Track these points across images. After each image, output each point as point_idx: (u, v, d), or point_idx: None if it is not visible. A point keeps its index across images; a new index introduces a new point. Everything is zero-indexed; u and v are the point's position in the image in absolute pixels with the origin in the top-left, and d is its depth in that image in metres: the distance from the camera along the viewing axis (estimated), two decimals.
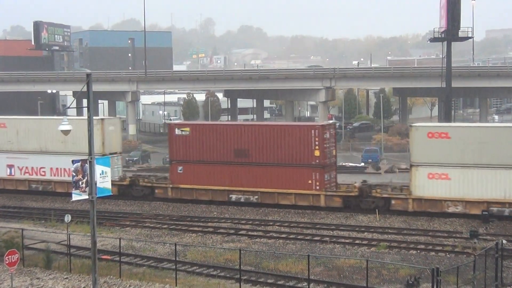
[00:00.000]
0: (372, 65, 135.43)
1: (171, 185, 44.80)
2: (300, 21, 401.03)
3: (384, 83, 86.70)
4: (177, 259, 27.30)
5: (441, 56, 78.36)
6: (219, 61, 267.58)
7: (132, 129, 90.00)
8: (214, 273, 27.81)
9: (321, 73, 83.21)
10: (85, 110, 22.29)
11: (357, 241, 33.50)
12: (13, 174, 49.07)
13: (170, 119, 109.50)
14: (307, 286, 24.49)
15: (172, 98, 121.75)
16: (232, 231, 36.61)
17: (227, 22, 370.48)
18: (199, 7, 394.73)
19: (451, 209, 37.74)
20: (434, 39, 70.36)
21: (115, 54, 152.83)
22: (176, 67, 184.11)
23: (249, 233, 36.14)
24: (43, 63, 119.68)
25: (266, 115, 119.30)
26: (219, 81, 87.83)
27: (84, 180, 22.03)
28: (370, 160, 63.83)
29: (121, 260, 28.48)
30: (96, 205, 22.24)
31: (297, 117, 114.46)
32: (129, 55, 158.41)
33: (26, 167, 48.49)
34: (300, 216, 40.48)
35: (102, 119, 46.54)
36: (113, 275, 27.07)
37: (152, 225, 38.96)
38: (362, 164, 63.71)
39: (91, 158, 21.63)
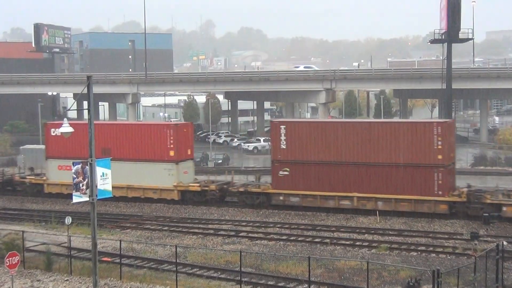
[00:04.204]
0: (373, 67, 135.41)
1: None
2: (300, 22, 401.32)
3: (385, 84, 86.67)
4: (177, 261, 27.28)
5: (441, 57, 78.40)
6: (219, 63, 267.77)
7: None
8: (215, 275, 27.80)
9: (321, 74, 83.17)
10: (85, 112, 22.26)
11: (357, 243, 33.48)
12: None
13: (170, 121, 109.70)
14: None
15: (173, 100, 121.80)
16: (232, 233, 36.63)
17: (227, 24, 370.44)
18: (199, 9, 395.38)
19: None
20: (434, 41, 70.46)
21: (115, 56, 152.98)
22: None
23: (250, 235, 36.16)
24: (44, 65, 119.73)
25: (267, 116, 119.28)
26: (220, 83, 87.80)
27: (85, 182, 22.02)
28: None
29: (122, 262, 28.49)
30: (96, 207, 22.23)
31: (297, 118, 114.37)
32: (130, 57, 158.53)
33: None
34: (301, 218, 40.50)
35: None
36: (113, 277, 27.07)
37: (152, 227, 38.98)
38: None
39: (91, 160, 21.63)
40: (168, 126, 45.89)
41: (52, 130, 48.15)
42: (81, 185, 22.10)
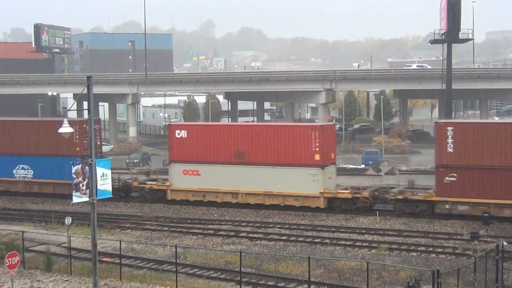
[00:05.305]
0: (373, 67, 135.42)
1: None
2: (300, 23, 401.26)
3: (385, 85, 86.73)
4: (177, 261, 27.28)
5: (441, 58, 78.39)
6: (219, 63, 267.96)
7: (132, 132, 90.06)
8: (215, 275, 27.80)
9: (322, 75, 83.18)
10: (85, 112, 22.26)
11: (357, 243, 33.47)
12: None
13: (171, 121, 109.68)
14: None
15: (173, 100, 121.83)
16: (232, 233, 36.62)
17: (227, 24, 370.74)
18: (199, 9, 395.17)
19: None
20: (434, 41, 70.41)
21: (115, 57, 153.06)
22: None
23: (250, 235, 36.15)
24: (44, 66, 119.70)
25: (267, 117, 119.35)
26: (220, 83, 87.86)
27: (85, 183, 22.02)
28: (370, 162, 63.89)
29: (122, 262, 28.48)
30: (96, 207, 22.23)
31: (298, 119, 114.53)
32: (130, 57, 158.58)
33: None
34: (301, 218, 40.49)
35: None
36: (113, 278, 27.07)
37: (152, 227, 38.97)
38: (363, 166, 63.72)
39: (91, 160, 21.64)
40: (314, 127, 41.99)
41: (177, 132, 44.74)
42: (81, 185, 22.10)
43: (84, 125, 47.88)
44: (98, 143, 49.21)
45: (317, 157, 40.63)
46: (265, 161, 42.16)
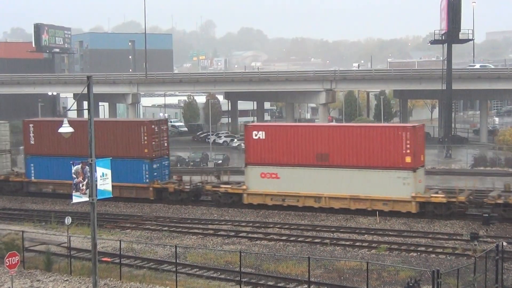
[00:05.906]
0: (373, 67, 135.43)
1: None
2: (300, 23, 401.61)
3: (385, 85, 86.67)
4: (177, 261, 27.29)
5: (441, 58, 78.42)
6: (219, 63, 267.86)
7: None
8: (215, 275, 27.82)
9: (321, 75, 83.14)
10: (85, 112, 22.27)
11: (357, 243, 33.48)
12: None
13: (171, 121, 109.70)
14: None
15: (173, 100, 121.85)
16: (232, 233, 36.64)
17: (228, 24, 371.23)
18: (199, 9, 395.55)
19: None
20: (434, 41, 70.52)
21: (115, 56, 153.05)
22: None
23: (250, 235, 36.18)
24: (44, 65, 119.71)
25: (267, 117, 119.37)
26: (220, 83, 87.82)
27: (85, 182, 22.02)
28: None
29: (122, 262, 28.50)
30: (96, 207, 22.23)
31: (298, 119, 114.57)
32: (130, 57, 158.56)
33: None
34: (301, 218, 40.50)
35: None
36: (113, 277, 27.09)
37: (152, 227, 39.00)
38: None
39: (91, 160, 21.64)
40: (405, 128, 39.83)
41: (254, 133, 42.86)
42: (81, 185, 22.10)
43: (153, 126, 46.09)
44: (166, 144, 47.58)
45: (408, 159, 38.82)
46: (350, 164, 40.36)
